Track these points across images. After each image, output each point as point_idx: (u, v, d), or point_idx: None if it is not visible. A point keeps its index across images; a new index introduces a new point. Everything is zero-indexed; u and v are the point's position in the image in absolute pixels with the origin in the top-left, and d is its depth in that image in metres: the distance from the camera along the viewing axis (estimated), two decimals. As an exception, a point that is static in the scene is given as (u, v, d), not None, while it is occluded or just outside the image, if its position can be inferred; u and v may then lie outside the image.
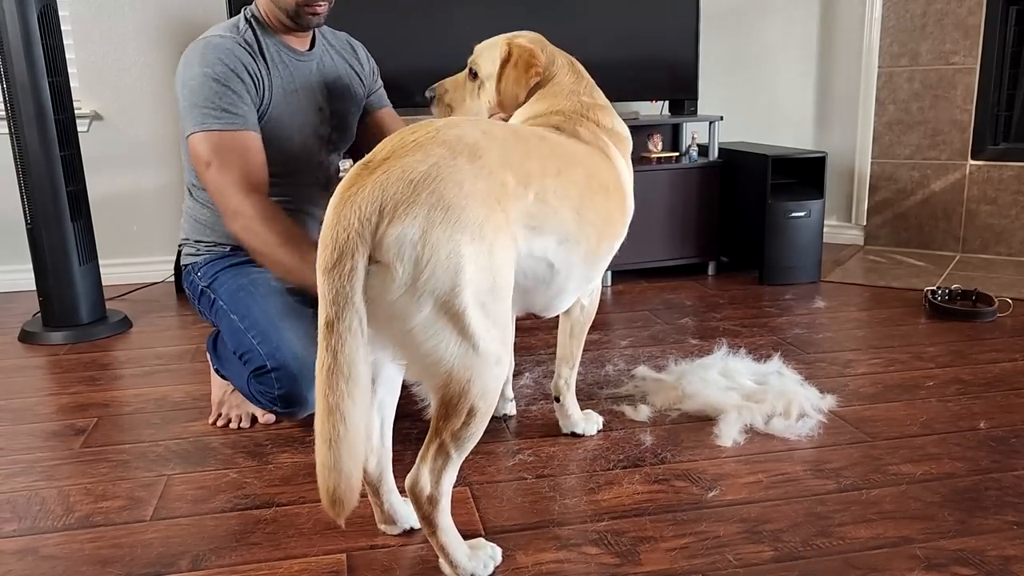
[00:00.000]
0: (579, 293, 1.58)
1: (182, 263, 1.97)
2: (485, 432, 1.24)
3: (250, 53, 1.76)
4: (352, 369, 1.07)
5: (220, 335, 1.86)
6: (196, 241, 1.93)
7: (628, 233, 1.51)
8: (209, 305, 1.85)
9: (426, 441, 1.19)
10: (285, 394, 1.63)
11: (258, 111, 1.77)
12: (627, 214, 1.56)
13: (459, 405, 1.15)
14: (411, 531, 1.38)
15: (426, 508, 1.20)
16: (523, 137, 1.31)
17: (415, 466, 1.20)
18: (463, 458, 1.21)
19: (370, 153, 1.17)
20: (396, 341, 1.13)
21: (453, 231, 1.09)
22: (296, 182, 1.90)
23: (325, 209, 1.15)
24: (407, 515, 1.38)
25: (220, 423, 1.86)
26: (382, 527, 1.39)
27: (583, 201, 1.36)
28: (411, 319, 1.10)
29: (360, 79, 2.00)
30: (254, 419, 1.87)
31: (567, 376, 1.75)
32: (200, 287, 1.88)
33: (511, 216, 1.20)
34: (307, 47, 1.90)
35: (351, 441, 1.08)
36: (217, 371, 1.90)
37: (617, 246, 1.55)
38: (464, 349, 1.12)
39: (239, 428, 1.85)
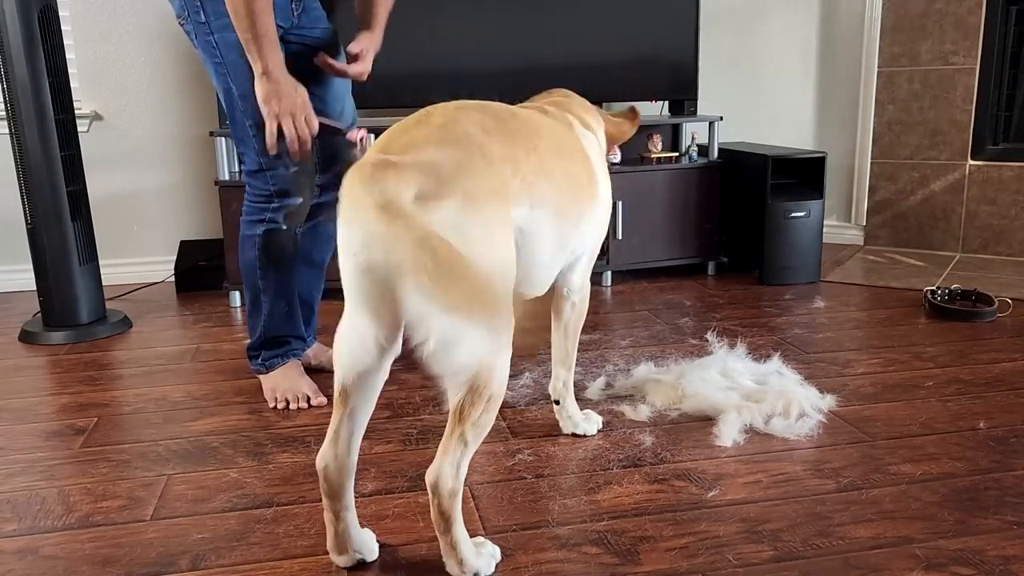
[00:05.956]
0: (553, 267, 1.53)
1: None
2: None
3: None
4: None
5: (259, 332, 2.01)
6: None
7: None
8: (209, 49, 1.88)
9: (446, 435, 1.18)
10: (279, 190, 1.88)
11: None
12: (596, 183, 1.56)
13: (484, 391, 1.16)
14: (362, 564, 1.29)
15: (446, 503, 1.18)
16: (504, 121, 1.33)
17: (436, 461, 1.17)
18: (477, 446, 1.20)
19: (380, 146, 1.20)
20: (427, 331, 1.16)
21: (485, 219, 1.16)
22: None
23: None
24: (362, 542, 1.30)
25: (280, 406, 1.97)
26: (332, 556, 1.29)
27: (553, 167, 1.39)
28: None
29: None
30: (308, 401, 1.98)
31: (565, 378, 1.75)
32: (210, 26, 1.87)
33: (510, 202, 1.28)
34: None
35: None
36: (258, 372, 2.05)
37: (589, 215, 1.54)
38: (493, 334, 1.15)
39: (298, 409, 1.95)
